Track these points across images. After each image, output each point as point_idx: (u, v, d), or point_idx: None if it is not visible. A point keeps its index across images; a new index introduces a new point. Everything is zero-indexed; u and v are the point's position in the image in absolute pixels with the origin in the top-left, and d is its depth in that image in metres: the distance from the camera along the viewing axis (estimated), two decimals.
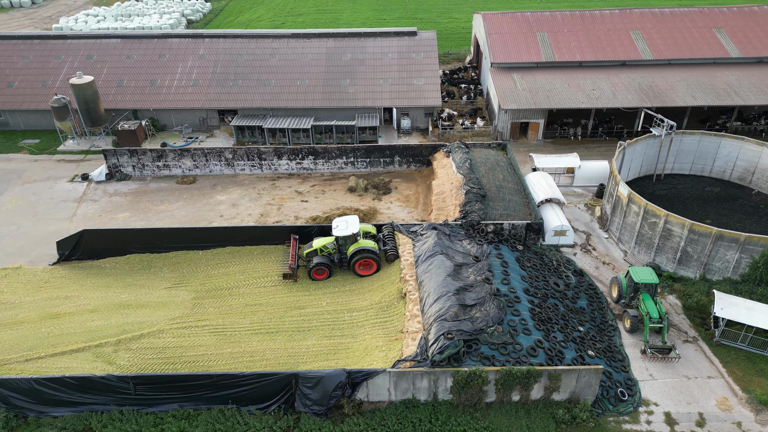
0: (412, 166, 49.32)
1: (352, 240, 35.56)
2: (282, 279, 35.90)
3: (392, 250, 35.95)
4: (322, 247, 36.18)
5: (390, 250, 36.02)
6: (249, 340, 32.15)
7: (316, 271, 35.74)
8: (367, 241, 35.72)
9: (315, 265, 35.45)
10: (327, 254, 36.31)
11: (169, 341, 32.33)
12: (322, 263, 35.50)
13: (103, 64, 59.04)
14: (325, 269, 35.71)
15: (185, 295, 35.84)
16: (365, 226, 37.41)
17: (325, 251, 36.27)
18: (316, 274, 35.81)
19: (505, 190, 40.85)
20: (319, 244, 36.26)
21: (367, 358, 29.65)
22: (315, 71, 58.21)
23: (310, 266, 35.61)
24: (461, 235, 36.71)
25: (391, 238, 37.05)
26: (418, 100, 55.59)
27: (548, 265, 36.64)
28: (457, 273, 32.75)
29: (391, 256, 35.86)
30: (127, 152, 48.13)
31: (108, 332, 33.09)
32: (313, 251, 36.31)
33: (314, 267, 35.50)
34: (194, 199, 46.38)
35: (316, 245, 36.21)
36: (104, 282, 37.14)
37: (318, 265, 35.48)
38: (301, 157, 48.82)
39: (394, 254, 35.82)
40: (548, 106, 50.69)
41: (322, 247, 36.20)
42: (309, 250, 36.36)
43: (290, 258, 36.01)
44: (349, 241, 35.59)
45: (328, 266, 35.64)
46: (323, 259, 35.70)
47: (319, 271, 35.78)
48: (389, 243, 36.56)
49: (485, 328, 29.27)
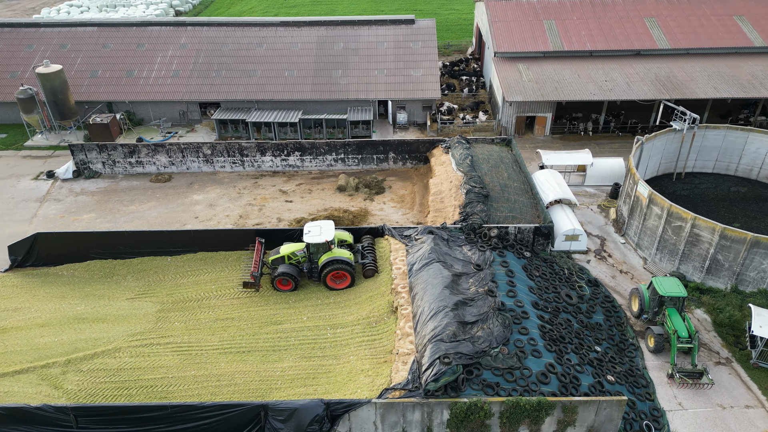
0: (408, 163, 45.16)
1: (325, 248, 31.29)
2: (242, 288, 31.69)
3: (371, 265, 31.65)
4: (290, 254, 31.81)
5: (369, 264, 31.68)
6: (217, 361, 28.00)
7: (280, 281, 31.47)
8: (342, 250, 31.40)
9: (279, 275, 31.20)
10: (295, 263, 32.03)
11: (125, 362, 28.20)
12: (286, 273, 31.15)
13: (77, 53, 54.97)
14: (290, 280, 31.40)
15: (149, 307, 31.71)
16: (342, 234, 33.04)
17: (293, 259, 31.97)
18: (280, 284, 31.55)
19: (510, 190, 36.64)
20: (287, 250, 31.92)
21: (351, 384, 25.47)
22: (304, 61, 54.08)
23: (274, 275, 31.43)
24: (461, 240, 32.52)
25: (371, 251, 32.74)
26: (416, 92, 51.43)
27: (559, 274, 32.45)
28: (456, 284, 28.56)
29: (369, 271, 31.59)
30: (96, 147, 44.03)
31: (57, 350, 29.00)
32: (279, 258, 31.91)
33: (278, 276, 31.25)
34: (168, 198, 42.26)
35: (284, 251, 31.89)
36: (59, 292, 33.02)
37: (282, 275, 31.21)
38: (286, 153, 44.69)
39: (373, 269, 31.58)
40: (557, 98, 46.48)
41: (290, 254, 31.82)
42: (275, 257, 31.98)
43: (253, 264, 31.75)
44: (321, 250, 31.29)
45: (294, 277, 31.29)
46: (289, 269, 31.35)
47: (283, 282, 31.47)
48: (368, 256, 32.16)
49: (488, 350, 25.08)
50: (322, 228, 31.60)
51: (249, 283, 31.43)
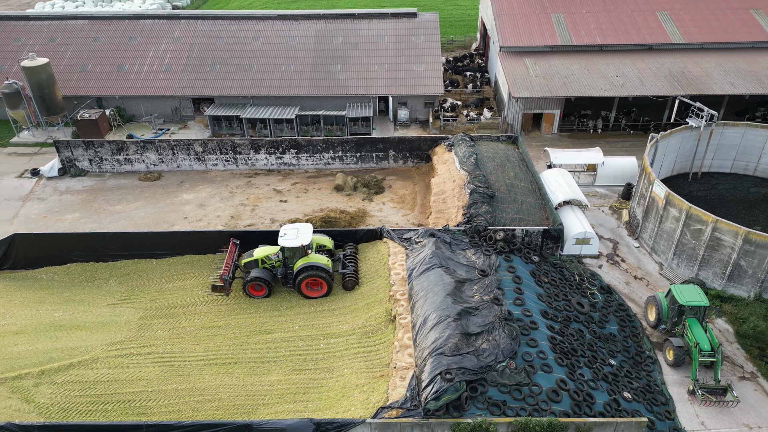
0: (408, 161, 43.04)
1: (301, 253, 29.13)
2: (211, 292, 29.71)
3: (351, 275, 29.52)
4: (264, 257, 29.72)
5: (349, 274, 29.53)
6: (201, 374, 25.98)
7: (252, 287, 29.45)
8: (320, 256, 29.25)
9: (251, 279, 29.14)
10: (270, 267, 29.93)
11: (102, 373, 26.20)
12: (259, 278, 29.07)
13: (67, 47, 53.00)
14: (263, 285, 29.36)
15: (131, 313, 29.71)
16: (321, 239, 30.88)
17: (267, 263, 29.85)
18: (252, 289, 29.53)
19: (517, 190, 34.51)
20: (261, 253, 29.83)
21: (344, 401, 23.40)
22: (302, 56, 52.00)
23: (246, 280, 29.36)
24: (464, 244, 30.41)
25: (353, 260, 30.61)
26: (418, 87, 49.30)
27: (569, 280, 30.31)
28: (459, 291, 26.44)
29: (348, 282, 29.45)
30: (83, 144, 42.04)
31: (31, 360, 27.01)
32: (252, 261, 29.85)
33: (250, 281, 29.21)
34: (157, 198, 40.24)
35: (258, 255, 29.82)
36: (36, 296, 31.03)
37: (255, 280, 29.14)
38: (281, 150, 42.62)
39: (353, 280, 29.45)
40: (565, 94, 44.31)
41: (264, 258, 29.74)
42: (248, 260, 29.90)
43: (224, 267, 29.63)
44: (297, 254, 29.14)
45: (267, 282, 29.23)
46: (262, 273, 29.28)
47: (256, 287, 29.47)
48: (350, 265, 29.97)
49: (494, 365, 22.99)
50: (299, 231, 29.39)
51: (218, 287, 29.33)
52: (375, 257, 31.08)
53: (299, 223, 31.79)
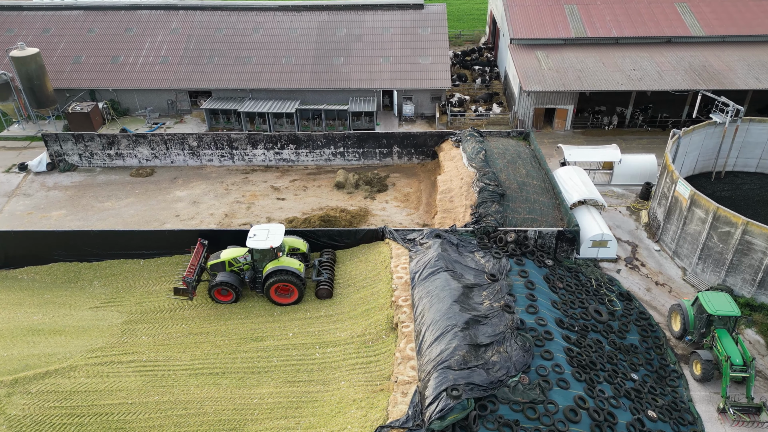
0: (414, 158, 40.89)
1: (271, 256, 27.02)
2: (173, 296, 27.75)
3: (326, 283, 27.41)
4: (231, 259, 27.64)
5: (323, 282, 27.41)
6: (185, 384, 23.93)
7: (218, 291, 27.45)
8: (291, 260, 27.14)
9: (216, 284, 27.09)
10: (237, 270, 27.84)
11: (80, 383, 24.20)
12: (224, 282, 26.99)
13: (61, 38, 51.18)
14: (230, 291, 27.29)
15: (114, 317, 27.73)
16: (295, 241, 28.79)
17: (235, 266, 27.77)
18: (218, 294, 27.54)
19: (529, 188, 32.30)
20: (229, 255, 27.76)
21: (340, 418, 21.29)
22: (304, 48, 49.94)
23: (211, 284, 27.31)
24: (473, 246, 28.23)
25: (329, 267, 28.55)
26: (424, 81, 47.13)
27: (586, 286, 28.08)
28: (467, 297, 24.27)
29: (322, 291, 27.34)
30: (72, 138, 40.14)
31: (5, 367, 25.06)
32: (219, 264, 27.76)
33: (215, 285, 27.16)
34: (148, 194, 38.28)
35: (225, 257, 27.76)
36: (15, 298, 29.11)
37: (220, 285, 27.07)
38: (280, 145, 40.57)
39: (327, 288, 27.31)
40: (580, 87, 42.01)
41: (231, 260, 27.66)
42: (214, 262, 27.82)
43: (188, 268, 27.48)
44: (267, 257, 27.03)
45: (234, 287, 27.15)
46: (228, 277, 27.20)
47: (222, 292, 27.46)
48: (325, 272, 27.91)
49: (505, 380, 20.82)
50: (270, 232, 27.24)
51: (180, 290, 27.27)
52: (376, 259, 28.96)
53: (272, 223, 29.37)
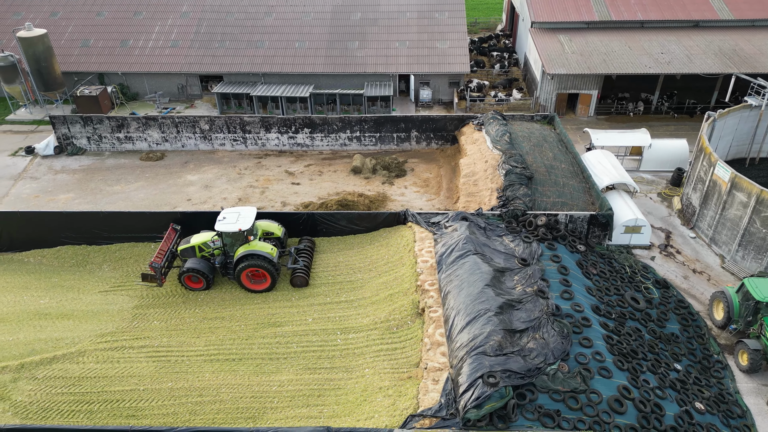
0: (432, 143, 39.49)
1: (242, 240, 25.61)
2: (141, 282, 26.48)
3: (301, 271, 26.06)
4: (201, 244, 26.22)
5: (299, 270, 26.04)
6: (200, 371, 22.65)
7: (188, 278, 26.09)
8: (264, 244, 25.62)
9: (185, 270, 25.70)
10: (208, 255, 26.43)
11: (90, 368, 22.96)
12: (193, 269, 25.59)
13: (69, 21, 50.02)
14: (201, 277, 25.90)
15: (125, 302, 26.47)
16: (269, 225, 27.34)
17: (205, 251, 26.34)
18: (188, 281, 26.17)
19: (557, 172, 30.85)
20: (199, 240, 26.37)
21: (366, 406, 19.94)
22: (317, 32, 48.60)
23: (181, 270, 25.95)
24: (501, 230, 26.82)
25: (307, 254, 27.23)
26: (442, 66, 45.71)
27: (620, 272, 26.62)
28: (498, 281, 22.88)
29: (297, 278, 25.96)
30: (80, 120, 38.94)
31: (10, 352, 23.89)
32: (188, 249, 26.37)
33: (184, 273, 25.78)
34: (158, 178, 37.04)
35: (195, 241, 26.35)
36: (22, 281, 27.90)
37: (190, 271, 25.67)
38: (294, 129, 39.24)
39: (303, 276, 25.90)
40: (606, 71, 40.48)
41: (201, 245, 26.23)
42: (184, 247, 26.42)
43: (156, 253, 26.13)
44: (238, 241, 25.63)
45: (204, 274, 25.73)
46: (198, 264, 25.80)
47: (193, 278, 26.09)
48: (301, 260, 26.62)
49: (544, 367, 19.42)
50: (240, 215, 25.80)
51: (149, 276, 25.97)
52: (398, 243, 27.59)
53: (244, 206, 27.68)
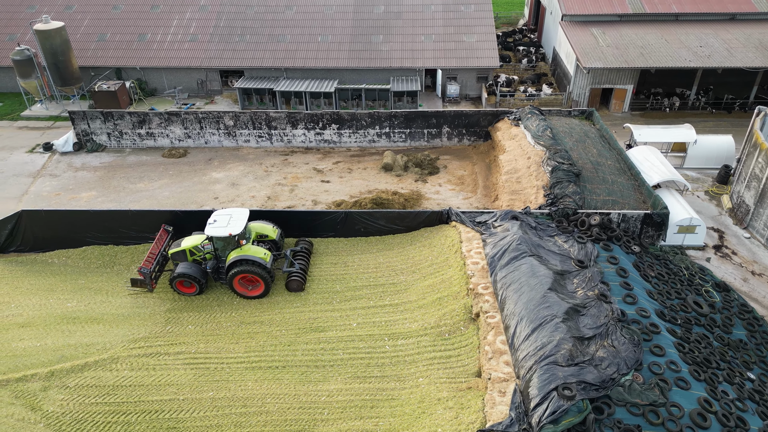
0: (464, 139, 38.15)
1: (234, 244, 24.35)
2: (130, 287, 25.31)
3: (297, 275, 24.82)
4: (192, 248, 25.01)
5: (294, 273, 24.83)
6: (242, 379, 21.37)
7: (180, 283, 24.84)
8: (257, 248, 24.39)
9: (176, 275, 24.46)
10: (199, 259, 25.19)
11: (124, 376, 21.71)
12: (184, 274, 24.42)
13: (84, 15, 48.72)
14: (193, 283, 24.66)
15: (156, 305, 25.19)
16: (263, 227, 26.03)
17: (197, 255, 25.11)
18: (180, 285, 24.94)
19: (604, 169, 29.51)
20: (190, 243, 25.13)
21: (426, 419, 18.64)
22: (340, 25, 47.25)
23: (172, 275, 24.72)
24: (552, 229, 25.49)
25: (303, 257, 25.98)
26: (470, 60, 44.36)
27: (678, 275, 25.28)
28: (559, 285, 21.56)
29: (292, 282, 24.77)
30: (101, 116, 37.65)
31: (39, 358, 22.64)
32: (179, 253, 25.22)
33: (176, 277, 24.53)
34: (183, 176, 35.76)
35: (186, 245, 25.14)
36: (47, 284, 26.63)
37: (181, 276, 24.42)
38: (321, 125, 37.92)
39: (299, 280, 24.72)
40: (644, 64, 39.13)
41: (192, 249, 25.01)
42: (175, 251, 25.20)
43: (146, 257, 24.97)
44: (230, 245, 24.35)
45: (197, 279, 24.48)
46: (189, 268, 24.56)
47: (185, 284, 24.85)
48: (298, 263, 25.36)
49: (617, 378, 18.09)
50: (231, 217, 24.50)
51: (138, 281, 24.79)
52: (442, 243, 26.29)
53: (236, 208, 26.23)
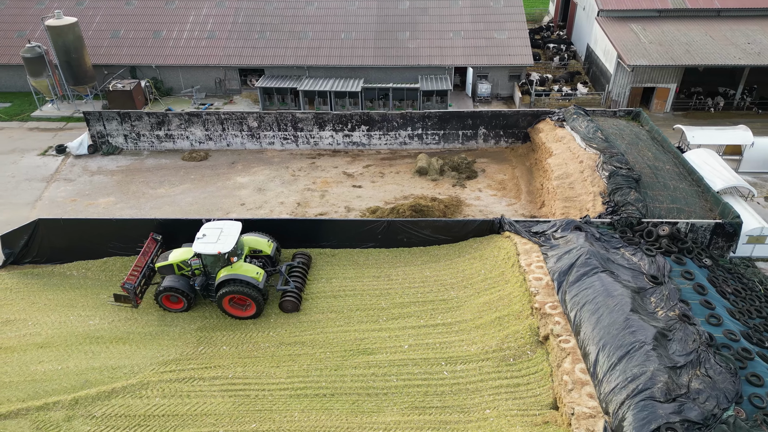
0: (501, 141, 36.11)
1: (224, 261, 22.39)
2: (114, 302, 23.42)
3: (292, 294, 22.78)
4: (180, 262, 23.16)
5: (289, 293, 22.80)
6: (287, 409, 19.33)
7: (167, 298, 22.96)
8: (249, 267, 22.41)
9: (162, 290, 22.61)
10: (188, 274, 23.29)
11: (156, 404, 19.70)
12: (173, 288, 22.54)
13: (96, 10, 46.69)
14: (181, 298, 22.79)
15: (186, 322, 23.18)
16: (257, 242, 23.87)
17: (185, 270, 23.24)
18: (166, 301, 23.05)
19: (663, 173, 27.46)
20: (177, 257, 23.25)
21: None
22: (364, 22, 45.22)
23: (158, 289, 22.85)
24: (617, 241, 23.44)
25: (300, 273, 23.97)
26: (502, 57, 42.30)
27: (754, 290, 23.22)
28: (639, 305, 19.50)
29: (287, 303, 22.72)
30: (117, 116, 35.64)
31: (61, 384, 20.66)
32: (167, 266, 23.31)
33: (162, 292, 22.68)
34: (205, 180, 33.74)
35: (173, 259, 23.26)
36: (66, 299, 24.62)
37: (168, 290, 22.55)
38: (350, 127, 35.89)
39: (294, 301, 22.68)
40: (691, 62, 37.07)
41: (180, 263, 23.17)
42: (162, 264, 23.36)
43: (130, 271, 23.13)
44: (220, 262, 22.42)
45: (186, 294, 22.65)
46: (177, 282, 22.76)
47: (172, 298, 22.98)
48: (292, 281, 23.28)
49: (719, 414, 16.04)
50: (222, 232, 22.44)
51: (121, 297, 22.95)
52: (496, 256, 24.24)
53: (228, 220, 23.87)
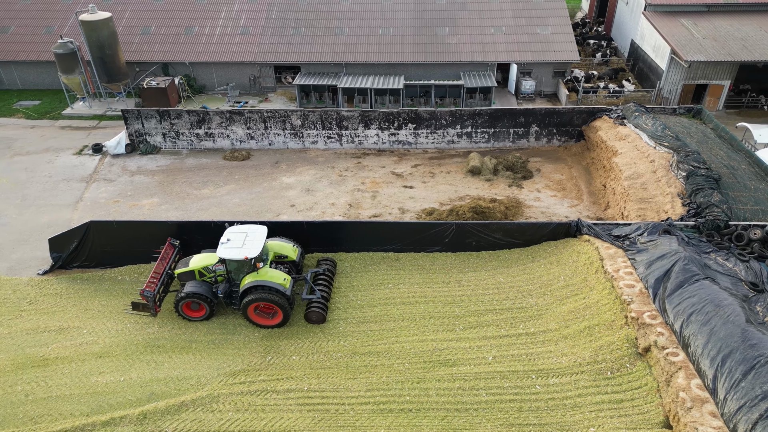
0: (554, 139, 34.89)
1: (249, 267, 21.24)
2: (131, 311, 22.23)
3: (318, 305, 21.64)
4: (202, 268, 22.06)
5: (315, 302, 21.69)
6: (372, 425, 18.10)
7: (187, 306, 21.81)
8: (275, 273, 21.25)
9: (184, 296, 21.44)
10: (210, 280, 22.17)
11: (230, 419, 18.49)
12: (196, 293, 21.43)
13: (125, 5, 45.50)
14: (203, 304, 21.67)
15: (250, 330, 22.02)
16: (282, 246, 22.76)
17: (206, 276, 22.14)
18: (187, 308, 21.89)
19: (740, 173, 26.22)
20: (199, 263, 22.15)
21: None
22: (401, 17, 43.99)
23: (178, 296, 21.67)
24: (705, 245, 22.20)
25: (325, 281, 22.82)
26: (546, 54, 41.07)
27: None
28: (751, 315, 18.26)
29: (312, 314, 21.57)
30: (156, 115, 34.43)
31: (126, 396, 19.48)
32: (187, 273, 22.20)
33: (183, 299, 21.51)
34: (250, 181, 32.53)
35: (194, 265, 22.16)
36: (121, 305, 23.41)
37: (190, 297, 21.40)
38: (397, 125, 34.67)
39: (320, 311, 21.53)
40: (750, 58, 35.83)
41: (202, 269, 22.07)
42: (182, 270, 22.26)
43: (149, 278, 21.96)
44: (244, 268, 21.25)
45: (208, 300, 21.53)
46: (199, 287, 21.64)
47: (192, 306, 21.83)
48: (318, 289, 22.11)
49: None
50: (247, 236, 21.34)
51: (140, 305, 21.74)
52: (575, 261, 23.02)
53: (253, 224, 22.57)
